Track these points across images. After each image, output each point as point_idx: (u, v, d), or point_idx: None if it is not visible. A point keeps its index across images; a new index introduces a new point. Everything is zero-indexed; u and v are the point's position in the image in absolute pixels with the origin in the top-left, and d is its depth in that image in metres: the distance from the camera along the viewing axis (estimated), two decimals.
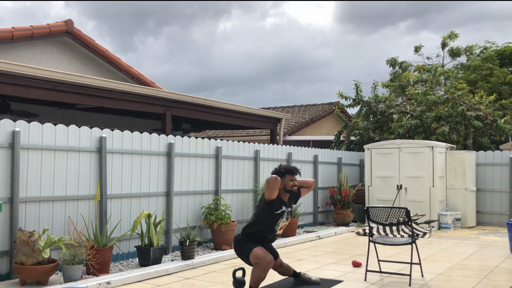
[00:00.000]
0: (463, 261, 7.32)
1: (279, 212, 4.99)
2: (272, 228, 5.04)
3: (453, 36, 24.62)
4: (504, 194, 11.84)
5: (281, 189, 5.06)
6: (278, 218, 5.02)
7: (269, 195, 4.92)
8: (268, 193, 4.92)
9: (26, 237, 5.47)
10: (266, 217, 5.01)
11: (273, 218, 5.01)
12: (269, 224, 5.03)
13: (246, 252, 4.97)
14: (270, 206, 4.96)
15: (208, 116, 10.95)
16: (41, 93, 7.81)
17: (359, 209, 12.36)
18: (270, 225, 5.03)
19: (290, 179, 5.08)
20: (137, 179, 7.41)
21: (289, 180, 5.07)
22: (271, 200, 4.95)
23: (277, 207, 4.98)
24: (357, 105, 15.72)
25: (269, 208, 4.96)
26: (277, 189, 4.92)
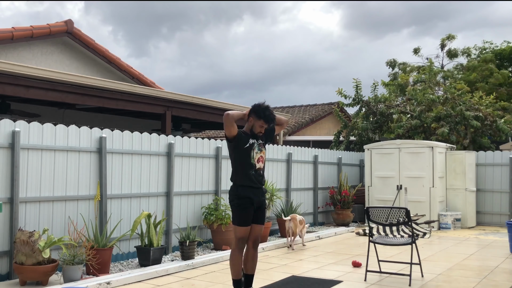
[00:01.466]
0: (463, 261, 7.32)
1: (248, 145, 4.81)
2: (249, 163, 4.82)
3: (451, 38, 24.76)
4: (504, 194, 11.84)
5: (249, 126, 4.89)
6: (249, 151, 4.81)
7: (228, 132, 4.77)
8: (226, 131, 4.76)
9: (26, 237, 5.47)
10: (237, 155, 4.85)
11: (244, 153, 4.81)
12: (244, 161, 4.83)
13: (234, 219, 4.91)
14: (235, 142, 4.81)
15: (208, 116, 10.94)
16: (41, 93, 7.81)
17: (359, 209, 12.36)
18: (246, 162, 4.82)
19: (261, 125, 4.83)
20: (137, 179, 7.41)
21: (260, 125, 4.84)
22: (233, 136, 4.78)
23: (244, 141, 4.81)
24: (356, 104, 15.72)
25: (236, 145, 4.82)
26: (231, 124, 4.73)
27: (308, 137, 18.48)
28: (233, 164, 4.92)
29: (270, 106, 4.91)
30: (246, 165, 4.83)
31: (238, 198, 4.83)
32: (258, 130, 4.86)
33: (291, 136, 18.13)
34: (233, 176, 4.93)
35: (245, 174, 4.83)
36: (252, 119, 4.86)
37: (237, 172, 4.88)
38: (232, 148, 4.87)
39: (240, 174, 4.85)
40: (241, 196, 4.82)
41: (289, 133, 18.17)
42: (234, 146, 4.84)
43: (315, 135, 19.55)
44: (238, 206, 4.84)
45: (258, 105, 4.85)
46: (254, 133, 4.88)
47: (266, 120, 4.83)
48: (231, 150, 4.91)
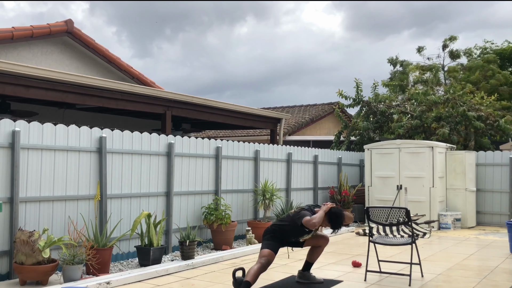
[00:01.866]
0: (463, 261, 7.32)
1: (308, 230, 5.45)
2: (297, 237, 5.56)
3: (453, 39, 24.84)
4: (504, 194, 11.84)
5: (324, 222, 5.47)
6: (304, 234, 5.50)
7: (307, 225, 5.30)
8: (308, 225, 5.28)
9: (26, 237, 5.47)
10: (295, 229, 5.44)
11: (301, 232, 5.47)
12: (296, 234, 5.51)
13: (262, 245, 5.43)
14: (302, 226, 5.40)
15: (208, 116, 10.94)
16: (41, 93, 7.81)
17: (359, 209, 12.35)
18: (296, 235, 5.53)
19: (326, 225, 5.49)
20: (137, 179, 7.41)
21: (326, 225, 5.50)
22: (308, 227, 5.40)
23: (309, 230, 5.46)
24: (357, 105, 15.71)
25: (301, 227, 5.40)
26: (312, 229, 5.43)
27: (308, 137, 18.47)
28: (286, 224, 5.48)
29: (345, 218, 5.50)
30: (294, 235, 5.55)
31: (273, 232, 5.48)
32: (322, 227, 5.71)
33: (291, 136, 18.13)
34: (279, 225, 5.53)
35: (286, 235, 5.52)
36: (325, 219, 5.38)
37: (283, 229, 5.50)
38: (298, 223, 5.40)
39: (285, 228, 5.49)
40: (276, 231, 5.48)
41: (289, 133, 18.17)
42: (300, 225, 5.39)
43: (315, 135, 19.54)
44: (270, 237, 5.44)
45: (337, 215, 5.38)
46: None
47: (334, 229, 5.48)
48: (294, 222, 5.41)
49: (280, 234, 5.48)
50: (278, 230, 5.50)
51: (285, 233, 5.49)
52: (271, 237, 5.44)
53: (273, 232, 5.49)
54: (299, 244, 5.70)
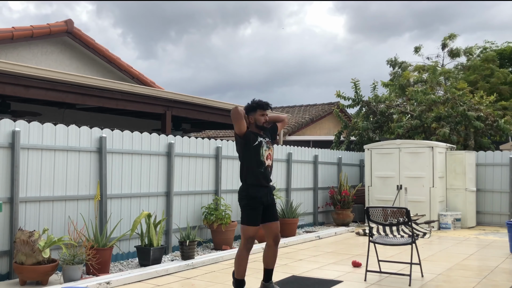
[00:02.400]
0: (463, 261, 7.32)
1: (257, 142, 4.89)
2: (258, 160, 4.89)
3: (452, 37, 24.69)
4: (504, 194, 11.84)
5: (253, 125, 4.97)
6: (258, 149, 4.89)
7: (238, 129, 4.84)
8: (236, 127, 4.83)
9: (26, 237, 5.47)
10: (247, 152, 4.92)
11: (253, 151, 4.88)
12: (254, 158, 4.89)
13: (243, 218, 4.94)
14: (245, 139, 4.88)
15: (208, 116, 10.94)
16: (41, 93, 7.81)
17: (359, 209, 12.36)
18: (255, 159, 4.89)
19: (261, 113, 4.93)
20: (137, 179, 7.41)
21: (260, 115, 4.93)
22: (243, 133, 4.87)
23: (253, 139, 4.89)
24: (356, 105, 15.71)
25: (245, 142, 4.89)
26: (241, 119, 4.83)
27: (308, 137, 18.48)
28: (243, 162, 5.00)
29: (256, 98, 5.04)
30: (256, 162, 4.90)
31: (248, 198, 4.91)
32: (262, 120, 4.94)
33: (291, 136, 18.13)
34: (243, 174, 4.99)
35: (255, 172, 4.91)
36: (251, 117, 4.96)
37: (247, 170, 4.94)
38: (242, 145, 4.94)
39: (250, 172, 4.92)
40: (250, 197, 4.89)
41: (289, 133, 18.17)
42: (243, 144, 4.91)
43: (315, 135, 19.55)
44: (248, 206, 4.91)
45: (247, 103, 5.01)
46: (262, 129, 4.97)
47: (261, 107, 4.93)
48: (240, 148, 4.97)
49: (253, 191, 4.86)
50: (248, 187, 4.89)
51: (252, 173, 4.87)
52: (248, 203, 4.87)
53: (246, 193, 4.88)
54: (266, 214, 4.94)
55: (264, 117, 4.95)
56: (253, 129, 4.99)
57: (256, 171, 4.90)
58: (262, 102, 4.96)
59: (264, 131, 5.04)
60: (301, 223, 11.15)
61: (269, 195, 5.01)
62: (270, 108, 5.03)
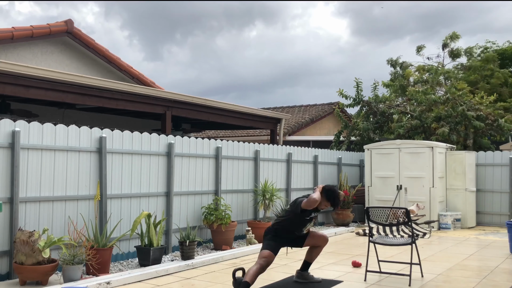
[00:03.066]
0: (463, 261, 7.32)
1: (309, 218, 5.51)
2: (300, 229, 5.56)
3: (454, 37, 24.55)
4: (504, 194, 11.84)
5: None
6: (306, 223, 5.54)
7: (307, 208, 5.36)
8: (306, 206, 5.35)
9: (26, 237, 5.47)
10: (296, 219, 5.49)
11: (303, 222, 5.51)
12: (298, 225, 5.54)
13: (262, 245, 5.45)
14: (303, 213, 5.44)
15: (208, 116, 10.94)
16: (41, 93, 7.81)
17: (359, 209, 12.35)
18: (299, 226, 5.54)
19: (327, 205, 5.50)
20: (137, 179, 7.41)
21: (326, 206, 5.51)
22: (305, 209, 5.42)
23: (308, 213, 5.48)
24: (357, 104, 15.71)
25: (302, 215, 5.45)
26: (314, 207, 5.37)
27: (308, 137, 18.47)
28: (288, 219, 5.54)
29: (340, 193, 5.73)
30: (297, 229, 5.57)
31: (275, 232, 5.51)
32: (323, 207, 5.55)
33: (291, 136, 18.13)
34: (283, 222, 5.57)
35: (289, 231, 5.56)
36: (323, 199, 5.43)
37: (286, 224, 5.54)
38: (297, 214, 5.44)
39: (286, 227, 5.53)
40: (277, 231, 5.51)
41: (289, 133, 18.17)
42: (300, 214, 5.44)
43: (315, 135, 19.54)
44: (273, 237, 5.45)
45: (332, 190, 5.50)
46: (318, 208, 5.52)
47: (334, 206, 5.58)
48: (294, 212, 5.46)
49: (282, 232, 5.49)
50: (280, 227, 5.52)
51: (287, 228, 5.50)
52: (272, 237, 5.45)
53: (275, 231, 5.50)
54: (299, 241, 5.69)
55: (325, 208, 5.57)
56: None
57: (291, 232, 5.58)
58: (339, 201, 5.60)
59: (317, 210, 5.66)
60: None
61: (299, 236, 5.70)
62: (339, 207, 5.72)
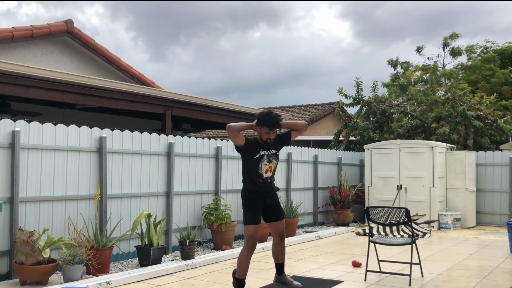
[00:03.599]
0: (463, 261, 7.32)
1: (257, 156, 4.89)
2: (256, 172, 4.92)
3: (454, 36, 24.60)
4: (504, 194, 11.84)
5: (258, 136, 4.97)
6: (258, 162, 4.90)
7: (234, 143, 4.91)
8: (233, 141, 4.90)
9: (26, 237, 5.47)
10: (246, 163, 4.97)
11: (253, 163, 4.91)
12: (251, 170, 4.93)
13: (244, 218, 5.00)
14: (244, 151, 4.93)
15: (208, 116, 10.94)
16: (41, 93, 7.81)
17: (359, 209, 12.36)
18: (253, 171, 4.92)
19: (266, 131, 4.85)
20: (137, 179, 7.41)
21: (266, 132, 4.86)
22: (240, 145, 4.90)
23: (254, 152, 4.90)
24: (357, 104, 15.71)
25: (245, 153, 4.93)
26: (235, 135, 4.83)
27: (308, 137, 18.47)
28: (242, 170, 5.09)
29: (272, 112, 4.95)
30: (253, 173, 4.96)
31: (246, 199, 5.02)
32: (265, 137, 4.89)
33: None
34: (243, 178, 5.09)
35: (252, 181, 4.98)
36: (258, 128, 4.92)
37: (245, 178, 5.05)
38: (242, 156, 5.04)
39: (248, 180, 5.02)
40: (248, 198, 5.00)
41: None
42: (243, 155, 5.00)
43: (315, 135, 19.54)
44: (246, 206, 5.00)
45: (261, 113, 4.97)
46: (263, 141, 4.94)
47: (269, 126, 4.83)
48: (241, 156, 5.06)
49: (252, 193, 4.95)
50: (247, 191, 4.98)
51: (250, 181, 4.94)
52: (247, 203, 4.95)
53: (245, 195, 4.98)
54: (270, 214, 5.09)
55: (268, 135, 4.87)
56: (258, 139, 4.99)
57: (254, 181, 4.96)
58: (270, 121, 4.82)
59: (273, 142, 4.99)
60: (301, 223, 11.15)
61: (269, 197, 5.08)
62: (279, 127, 4.96)
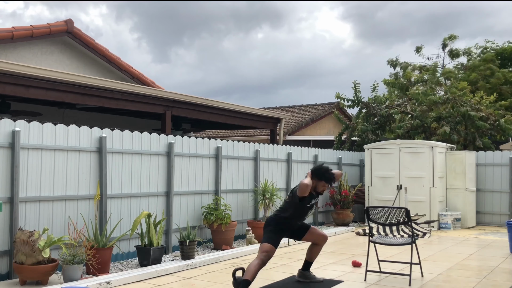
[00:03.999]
0: (463, 261, 7.32)
1: (309, 205, 5.50)
2: (302, 217, 5.59)
3: (452, 38, 24.74)
4: (504, 194, 11.84)
5: (312, 187, 5.44)
6: (307, 210, 5.55)
7: (301, 195, 5.35)
8: (300, 193, 5.34)
9: (26, 237, 5.47)
10: (298, 209, 5.47)
11: (304, 210, 5.50)
12: (300, 214, 5.52)
13: (263, 238, 5.40)
14: (302, 202, 5.42)
15: (208, 116, 10.94)
16: (41, 93, 7.81)
17: (359, 209, 12.36)
18: (300, 215, 5.54)
19: (324, 185, 5.45)
20: (137, 179, 7.41)
21: (323, 185, 5.46)
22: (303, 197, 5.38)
23: (307, 201, 5.45)
24: (356, 106, 15.72)
25: (302, 203, 5.43)
26: (307, 192, 5.33)
27: (308, 137, 18.47)
28: (288, 205, 5.51)
29: (329, 168, 5.53)
30: (299, 217, 5.56)
31: (277, 224, 5.45)
32: (322, 189, 5.51)
33: (291, 136, 18.13)
34: (281, 212, 5.53)
35: (291, 221, 5.53)
36: (315, 181, 5.44)
37: (287, 213, 5.48)
38: (296, 204, 5.43)
39: (289, 218, 5.48)
40: (280, 224, 5.46)
41: (289, 133, 18.17)
42: (299, 204, 5.43)
43: (315, 135, 19.54)
44: (274, 230, 5.40)
45: (318, 168, 5.52)
46: (317, 192, 5.51)
47: (327, 182, 5.47)
48: (294, 203, 5.44)
49: (283, 222, 5.47)
50: (282, 218, 5.48)
51: (289, 219, 5.48)
52: (273, 229, 5.41)
53: (276, 222, 5.47)
54: (299, 233, 5.70)
55: (324, 187, 5.48)
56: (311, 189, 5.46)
57: (293, 222, 5.55)
58: (330, 177, 5.44)
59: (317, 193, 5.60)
60: None
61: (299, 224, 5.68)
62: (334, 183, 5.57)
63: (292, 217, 5.49)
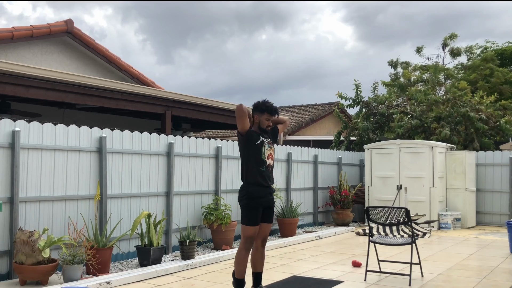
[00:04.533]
0: (463, 261, 7.32)
1: (259, 141, 4.90)
2: (260, 159, 4.90)
3: (453, 37, 24.69)
4: (504, 194, 11.84)
5: (256, 124, 4.98)
6: (260, 148, 4.90)
7: (241, 126, 4.85)
8: (239, 125, 4.84)
9: (26, 237, 5.47)
10: (249, 151, 4.92)
11: (256, 149, 4.89)
12: (254, 156, 4.90)
13: (243, 219, 4.91)
14: (248, 137, 4.90)
15: (208, 116, 10.94)
16: (41, 93, 7.81)
17: (359, 209, 12.36)
18: (256, 157, 4.90)
19: (267, 118, 4.94)
20: (137, 179, 7.41)
21: (266, 119, 4.94)
22: (245, 131, 4.88)
23: (255, 138, 4.91)
24: (356, 105, 15.72)
25: (248, 140, 4.90)
26: (245, 117, 4.82)
27: (308, 137, 18.48)
28: (244, 161, 4.98)
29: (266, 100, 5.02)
30: (256, 161, 4.90)
31: (248, 198, 4.89)
32: (266, 124, 4.96)
33: (291, 136, 18.13)
34: (244, 173, 4.98)
35: (256, 171, 4.89)
36: (257, 116, 4.97)
37: (248, 169, 4.93)
38: (244, 143, 4.95)
39: (251, 170, 4.91)
40: (251, 197, 4.88)
41: (289, 133, 18.17)
42: (245, 142, 4.93)
43: (315, 135, 19.55)
44: (247, 206, 4.90)
45: (257, 102, 5.02)
46: (263, 130, 4.99)
47: (270, 112, 4.94)
48: (242, 146, 4.98)
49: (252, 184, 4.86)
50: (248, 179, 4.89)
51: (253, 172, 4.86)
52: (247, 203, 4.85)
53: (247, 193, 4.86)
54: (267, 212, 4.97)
55: (268, 121, 4.97)
56: (255, 128, 5.01)
57: (257, 170, 4.89)
58: (271, 107, 4.96)
59: (266, 132, 5.07)
60: (301, 223, 11.15)
61: (269, 195, 5.02)
62: (277, 114, 5.06)
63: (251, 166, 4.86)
